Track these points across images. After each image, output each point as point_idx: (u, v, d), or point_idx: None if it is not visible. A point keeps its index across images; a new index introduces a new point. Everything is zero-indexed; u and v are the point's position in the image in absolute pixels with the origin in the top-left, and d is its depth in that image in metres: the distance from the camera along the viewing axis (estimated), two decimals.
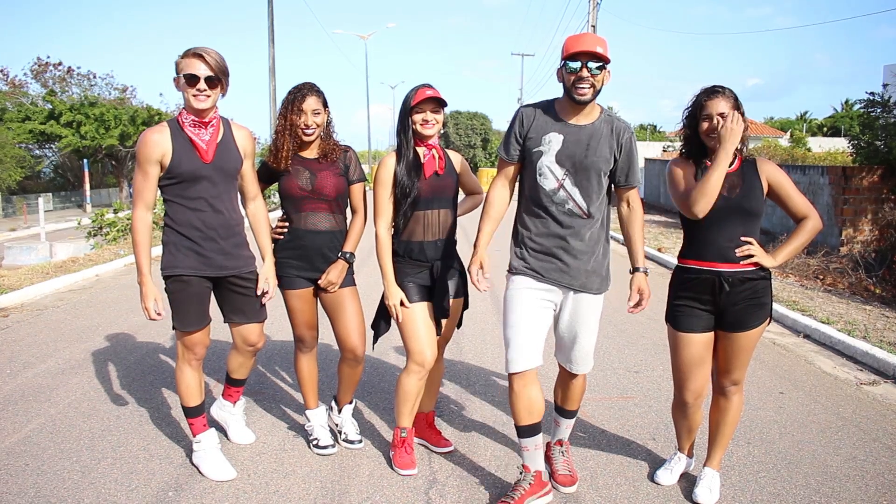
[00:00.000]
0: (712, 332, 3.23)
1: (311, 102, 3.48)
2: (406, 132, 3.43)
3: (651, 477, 3.49)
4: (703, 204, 3.03)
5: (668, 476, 3.44)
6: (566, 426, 3.52)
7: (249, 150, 3.52)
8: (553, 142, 3.12)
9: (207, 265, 3.37)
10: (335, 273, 3.59)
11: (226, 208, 3.39)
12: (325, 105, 3.57)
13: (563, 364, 3.38)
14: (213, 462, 3.49)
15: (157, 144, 3.24)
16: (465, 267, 3.61)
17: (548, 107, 3.21)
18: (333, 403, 3.95)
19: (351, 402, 3.91)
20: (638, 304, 3.26)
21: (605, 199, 3.22)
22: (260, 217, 3.63)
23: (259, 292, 3.53)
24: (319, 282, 3.61)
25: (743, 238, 3.11)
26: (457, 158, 3.66)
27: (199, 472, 3.49)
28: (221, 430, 3.91)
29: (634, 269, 3.28)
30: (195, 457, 3.55)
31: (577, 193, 3.12)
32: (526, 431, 3.21)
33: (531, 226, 3.22)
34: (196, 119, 3.30)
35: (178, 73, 3.26)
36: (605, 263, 3.26)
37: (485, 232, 3.30)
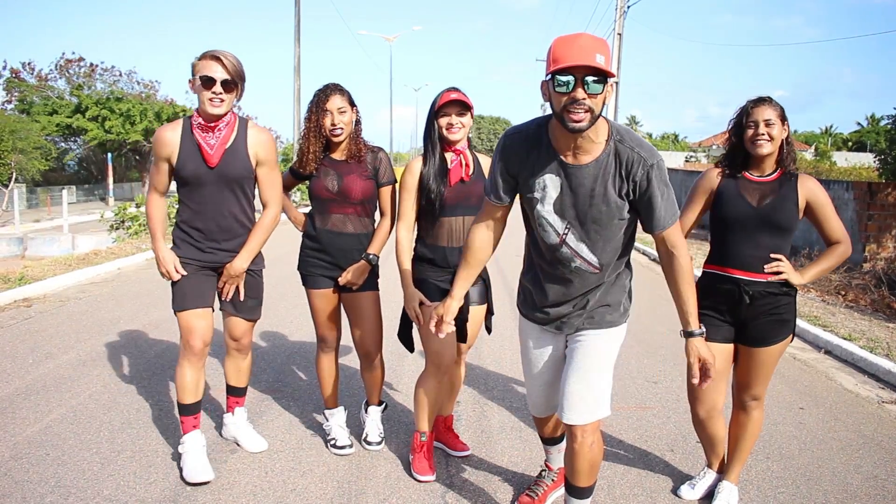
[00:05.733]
0: (731, 345, 3.20)
1: (335, 101, 3.47)
2: (432, 137, 3.39)
3: (675, 490, 3.46)
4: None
5: (690, 491, 3.40)
6: None
7: (264, 157, 3.44)
8: (549, 187, 2.49)
9: (209, 259, 3.45)
10: (355, 273, 3.58)
11: (230, 213, 3.42)
12: (352, 104, 3.56)
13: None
14: (191, 462, 3.37)
15: (167, 143, 3.32)
16: (489, 274, 3.61)
17: (538, 134, 2.50)
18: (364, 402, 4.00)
19: (380, 405, 3.91)
20: (703, 379, 2.62)
21: (625, 240, 2.60)
22: (262, 223, 3.49)
23: (220, 284, 3.51)
24: (339, 280, 3.61)
25: (773, 255, 3.08)
26: (486, 162, 3.57)
27: (180, 475, 3.42)
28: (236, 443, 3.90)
29: (688, 334, 2.61)
30: (181, 459, 3.46)
31: (585, 249, 2.53)
32: (550, 441, 3.23)
33: (532, 273, 2.76)
34: (204, 122, 3.30)
35: (193, 74, 3.27)
36: (620, 296, 2.69)
37: (461, 279, 2.79)
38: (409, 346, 3.68)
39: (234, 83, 3.27)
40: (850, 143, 57.41)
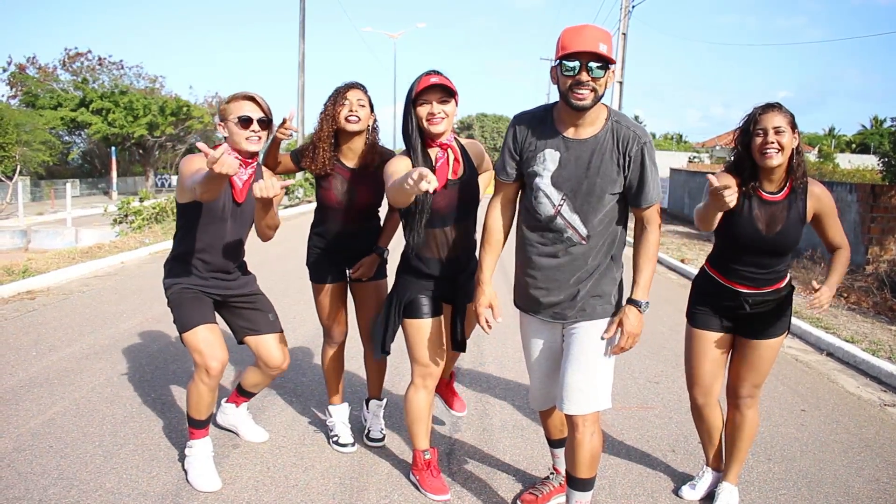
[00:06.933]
0: (730, 336, 3.22)
1: (356, 93, 3.40)
2: (410, 131, 2.99)
3: (676, 491, 3.46)
4: (703, 227, 3.02)
5: (691, 492, 3.40)
6: (575, 501, 2.84)
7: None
8: (549, 160, 2.66)
9: (212, 286, 3.39)
10: (366, 267, 3.60)
11: (240, 246, 3.42)
12: (371, 105, 3.47)
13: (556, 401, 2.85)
14: (200, 470, 3.33)
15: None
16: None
17: (544, 115, 2.72)
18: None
19: (381, 399, 3.89)
20: (620, 348, 2.75)
21: (615, 216, 2.71)
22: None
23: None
24: (350, 271, 3.62)
25: (815, 286, 3.07)
26: (474, 149, 3.23)
27: (186, 478, 3.36)
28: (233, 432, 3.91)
29: (630, 301, 2.71)
30: (186, 461, 3.41)
31: (578, 220, 2.66)
32: (557, 444, 3.24)
33: (524, 253, 2.81)
34: (240, 157, 3.22)
35: (224, 116, 3.21)
36: (611, 287, 2.76)
37: (487, 264, 2.88)
38: (382, 347, 3.33)
39: (270, 121, 3.26)
40: (853, 145, 57.21)
